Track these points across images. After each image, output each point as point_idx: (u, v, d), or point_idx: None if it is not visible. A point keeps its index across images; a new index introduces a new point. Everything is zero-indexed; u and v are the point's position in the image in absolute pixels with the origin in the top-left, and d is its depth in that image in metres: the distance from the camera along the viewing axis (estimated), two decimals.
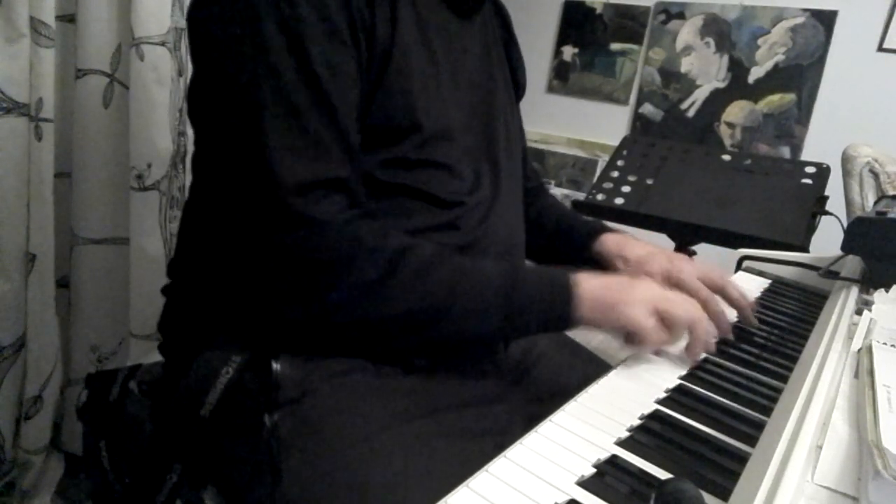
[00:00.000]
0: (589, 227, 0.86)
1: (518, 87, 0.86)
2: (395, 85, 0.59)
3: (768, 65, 2.20)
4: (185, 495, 0.59)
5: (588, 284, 0.58)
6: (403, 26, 0.60)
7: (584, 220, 0.90)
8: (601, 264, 0.82)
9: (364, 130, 0.58)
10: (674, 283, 0.71)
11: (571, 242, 0.86)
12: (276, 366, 0.55)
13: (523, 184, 0.86)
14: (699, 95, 2.33)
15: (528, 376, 0.73)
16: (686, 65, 2.35)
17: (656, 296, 0.57)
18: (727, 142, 2.28)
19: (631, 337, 0.58)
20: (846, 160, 1.30)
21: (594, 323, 0.57)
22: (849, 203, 1.30)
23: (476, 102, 0.70)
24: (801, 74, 2.13)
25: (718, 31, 2.28)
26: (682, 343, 0.64)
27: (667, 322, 0.57)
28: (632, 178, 1.39)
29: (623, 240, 0.82)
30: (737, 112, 2.26)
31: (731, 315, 0.71)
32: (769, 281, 0.94)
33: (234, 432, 0.56)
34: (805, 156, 2.14)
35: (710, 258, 1.38)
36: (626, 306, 0.56)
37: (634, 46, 2.46)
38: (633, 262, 0.78)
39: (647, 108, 2.44)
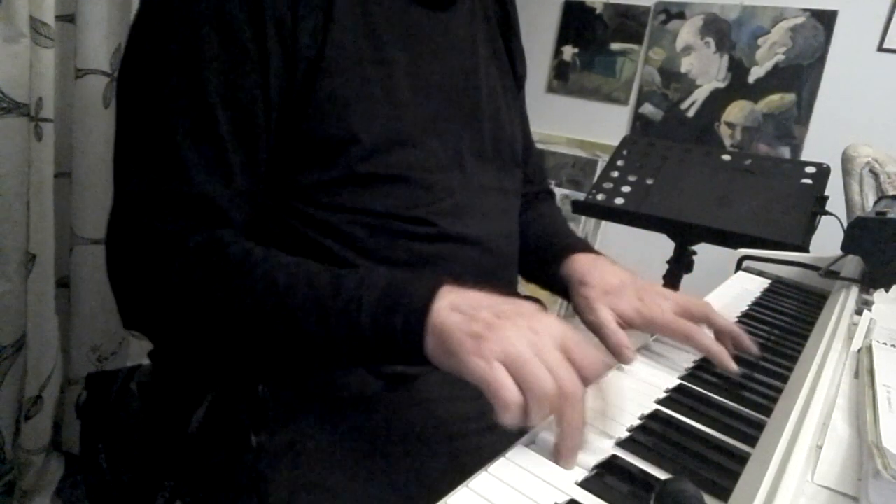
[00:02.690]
0: (563, 246, 0.74)
1: (517, 79, 0.79)
2: (326, 95, 0.54)
3: (768, 65, 2.19)
4: (185, 497, 0.59)
5: (444, 316, 0.44)
6: (341, 28, 0.55)
7: (564, 236, 0.79)
8: (566, 290, 0.72)
9: (301, 147, 0.55)
10: (647, 323, 0.62)
11: (544, 262, 0.75)
12: (261, 386, 0.54)
13: (523, 187, 0.81)
14: (699, 95, 2.33)
15: None
16: (686, 65, 2.35)
17: (520, 350, 0.41)
18: (727, 142, 2.28)
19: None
20: (846, 160, 1.30)
21: (440, 365, 0.44)
22: (849, 203, 1.30)
23: (452, 101, 0.65)
24: (801, 74, 2.13)
25: (718, 31, 2.28)
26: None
27: (522, 386, 0.41)
28: (632, 178, 1.39)
29: (592, 264, 0.70)
30: (737, 112, 2.26)
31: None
32: (769, 281, 0.94)
33: (221, 451, 0.55)
34: (805, 156, 2.14)
35: (710, 258, 1.38)
36: (473, 355, 0.41)
37: (634, 46, 2.46)
38: (598, 291, 0.65)
39: (647, 108, 2.44)
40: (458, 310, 0.44)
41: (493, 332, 0.42)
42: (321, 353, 0.48)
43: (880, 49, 2.01)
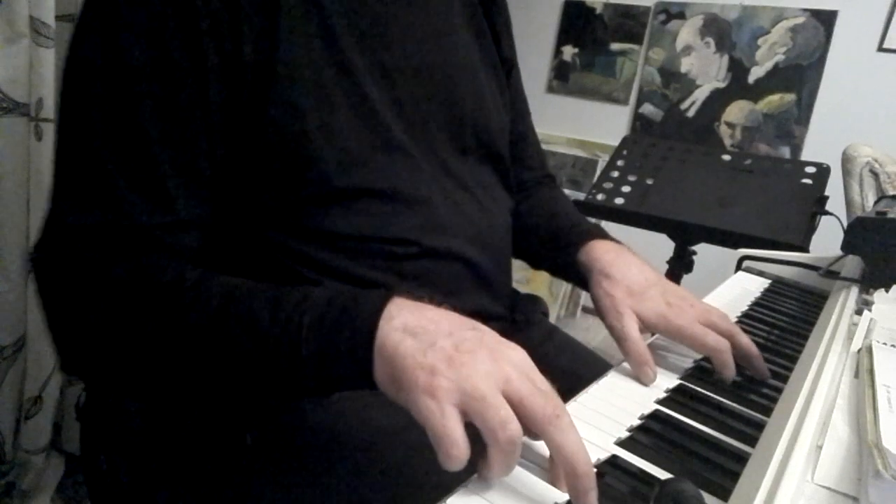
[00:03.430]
0: (578, 231, 0.69)
1: (504, 60, 0.73)
2: (281, 107, 0.50)
3: (768, 65, 2.19)
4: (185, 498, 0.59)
5: (395, 340, 0.39)
6: (290, 31, 0.50)
7: (578, 220, 0.73)
8: (584, 279, 0.66)
9: (261, 166, 0.51)
10: (672, 331, 0.58)
11: (557, 247, 0.70)
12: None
13: (521, 175, 0.78)
14: (699, 95, 2.33)
15: None
16: (686, 65, 2.35)
17: (481, 389, 0.36)
18: (727, 142, 2.28)
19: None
20: (846, 160, 1.30)
21: (388, 395, 0.40)
22: (849, 203, 1.30)
23: (426, 95, 0.60)
24: (801, 74, 2.13)
25: (718, 31, 2.28)
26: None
27: (483, 430, 0.36)
28: (632, 178, 1.39)
29: (615, 254, 0.65)
30: (737, 112, 2.26)
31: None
32: (769, 281, 0.94)
33: (216, 452, 0.54)
34: (805, 156, 2.14)
35: (710, 258, 1.38)
36: (425, 393, 0.36)
37: (634, 46, 2.46)
38: (622, 290, 0.60)
39: (647, 108, 2.44)
40: (412, 334, 0.39)
41: (450, 366, 0.37)
42: (261, 382, 0.43)
43: (880, 49, 2.01)
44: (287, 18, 0.50)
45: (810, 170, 1.30)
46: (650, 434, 0.46)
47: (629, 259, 0.64)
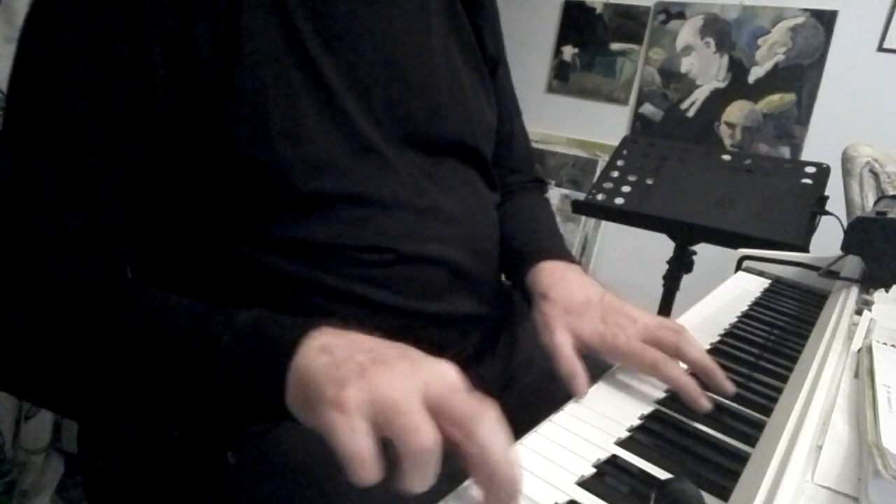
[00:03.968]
0: (532, 251, 0.67)
1: (489, 58, 0.70)
2: (244, 114, 0.48)
3: (768, 65, 2.20)
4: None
5: (310, 358, 0.36)
6: (253, 34, 0.48)
7: (539, 238, 0.71)
8: (530, 302, 0.64)
9: (225, 174, 0.49)
10: (609, 350, 0.55)
11: (517, 267, 0.68)
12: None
13: (505, 178, 0.76)
14: (699, 95, 2.33)
15: (517, 384, 0.67)
16: (686, 65, 2.35)
17: (392, 395, 0.33)
18: (727, 142, 2.28)
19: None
20: (846, 160, 1.30)
21: (300, 419, 0.37)
22: (849, 203, 1.30)
23: (400, 97, 0.58)
24: (801, 74, 2.13)
25: (718, 31, 2.28)
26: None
27: (396, 442, 0.33)
28: (632, 178, 1.39)
29: (559, 275, 0.63)
30: (737, 112, 2.26)
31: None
32: (769, 281, 0.94)
33: (198, 472, 0.52)
34: (805, 156, 2.14)
35: (710, 258, 1.38)
36: (328, 406, 0.33)
37: (634, 46, 2.46)
38: (558, 309, 0.59)
39: (647, 108, 2.44)
40: (328, 352, 0.36)
41: (361, 377, 0.34)
42: (174, 402, 0.41)
43: (880, 49, 2.01)
44: (248, 20, 0.48)
45: (810, 170, 1.30)
46: (650, 434, 0.46)
47: (572, 280, 0.62)
